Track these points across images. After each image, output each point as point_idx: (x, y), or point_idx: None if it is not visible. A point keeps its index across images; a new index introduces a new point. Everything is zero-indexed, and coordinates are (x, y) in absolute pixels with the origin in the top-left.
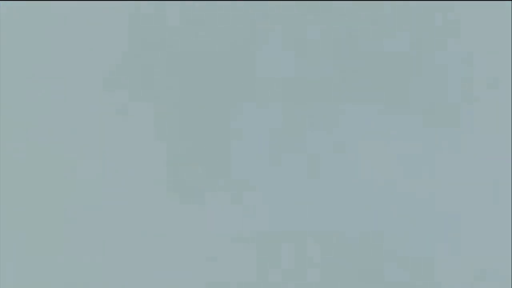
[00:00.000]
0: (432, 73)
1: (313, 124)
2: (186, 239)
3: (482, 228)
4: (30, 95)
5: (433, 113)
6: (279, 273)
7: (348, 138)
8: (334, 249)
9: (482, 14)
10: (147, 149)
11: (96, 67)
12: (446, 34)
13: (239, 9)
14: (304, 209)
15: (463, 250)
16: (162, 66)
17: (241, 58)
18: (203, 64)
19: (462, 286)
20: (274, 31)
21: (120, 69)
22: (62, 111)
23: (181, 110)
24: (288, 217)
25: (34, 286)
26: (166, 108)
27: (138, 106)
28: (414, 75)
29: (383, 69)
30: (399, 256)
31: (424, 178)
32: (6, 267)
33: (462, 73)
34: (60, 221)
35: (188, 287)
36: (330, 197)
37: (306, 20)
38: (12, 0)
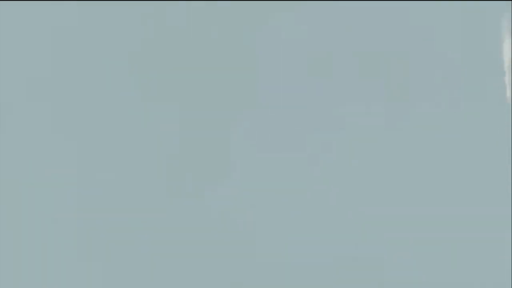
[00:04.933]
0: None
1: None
2: None
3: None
4: (29, 95)
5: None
6: None
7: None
8: None
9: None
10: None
11: (99, 66)
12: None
13: (237, 9)
14: None
15: None
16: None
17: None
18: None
19: None
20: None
21: (122, 68)
22: (64, 111)
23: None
24: None
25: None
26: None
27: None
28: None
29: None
30: None
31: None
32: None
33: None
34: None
35: None
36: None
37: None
38: (12, 0)
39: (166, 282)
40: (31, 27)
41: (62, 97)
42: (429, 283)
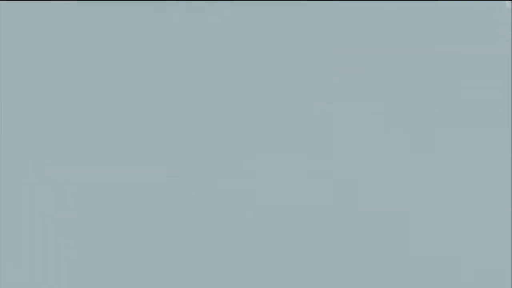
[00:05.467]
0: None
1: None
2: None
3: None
4: (29, 95)
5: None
6: None
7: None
8: None
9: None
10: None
11: (99, 66)
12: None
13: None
14: None
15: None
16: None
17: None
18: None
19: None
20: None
21: (121, 66)
22: (64, 111)
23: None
24: None
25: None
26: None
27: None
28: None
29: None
30: None
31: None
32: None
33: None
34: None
35: None
36: None
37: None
38: (12, 0)
39: (169, 281)
40: (31, 27)
41: (62, 97)
42: (429, 283)
